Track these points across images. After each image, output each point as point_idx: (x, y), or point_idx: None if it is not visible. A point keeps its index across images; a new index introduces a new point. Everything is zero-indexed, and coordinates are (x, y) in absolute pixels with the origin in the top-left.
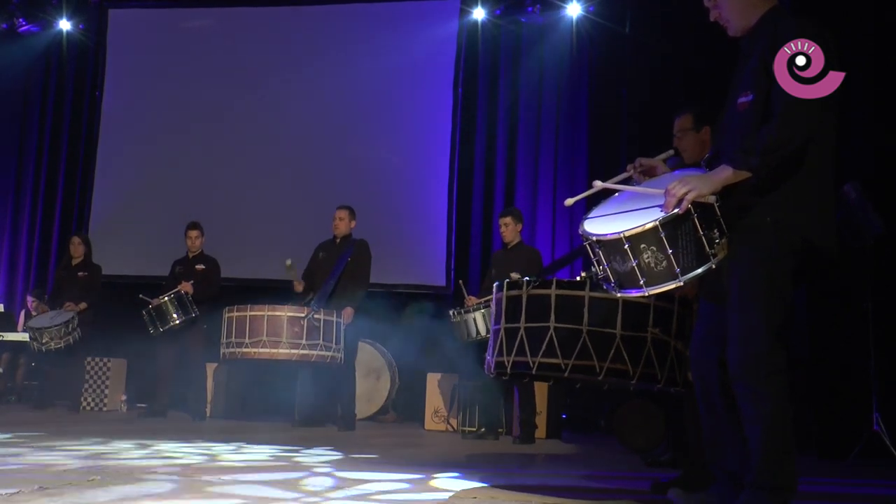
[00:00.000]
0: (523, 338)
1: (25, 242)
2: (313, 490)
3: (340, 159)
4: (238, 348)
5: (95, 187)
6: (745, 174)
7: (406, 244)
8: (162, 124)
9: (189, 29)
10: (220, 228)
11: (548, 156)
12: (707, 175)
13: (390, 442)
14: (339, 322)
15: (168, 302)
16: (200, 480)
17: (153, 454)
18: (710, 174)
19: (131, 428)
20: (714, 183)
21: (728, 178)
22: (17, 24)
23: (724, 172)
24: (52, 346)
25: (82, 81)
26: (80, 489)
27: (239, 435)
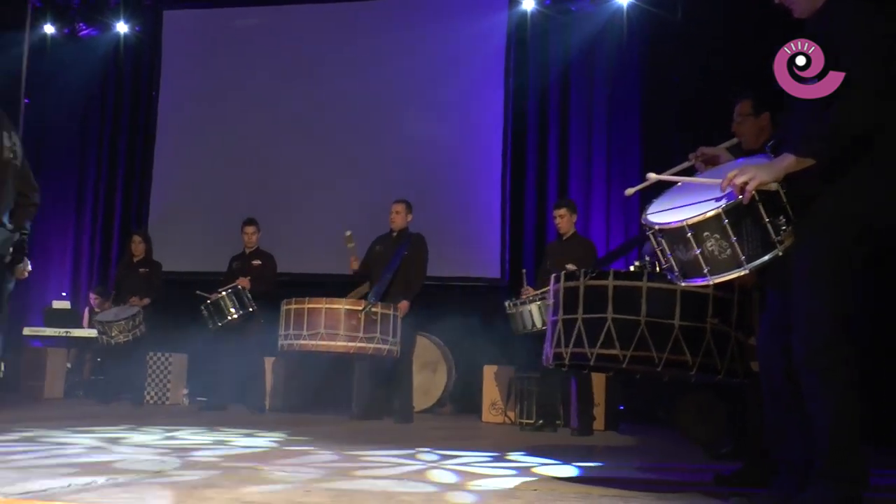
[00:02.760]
0: (581, 329)
1: (88, 241)
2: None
3: (393, 153)
4: (296, 340)
5: (153, 186)
6: (809, 161)
7: (460, 237)
8: (216, 122)
9: (241, 27)
10: (276, 224)
11: (600, 146)
12: (769, 163)
13: (448, 434)
14: (395, 315)
15: (226, 297)
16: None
17: (215, 446)
18: (773, 162)
19: (193, 421)
20: (776, 171)
21: (791, 166)
22: (78, 29)
23: (786, 160)
24: (121, 340)
25: (139, 82)
26: (149, 480)
27: (297, 427)
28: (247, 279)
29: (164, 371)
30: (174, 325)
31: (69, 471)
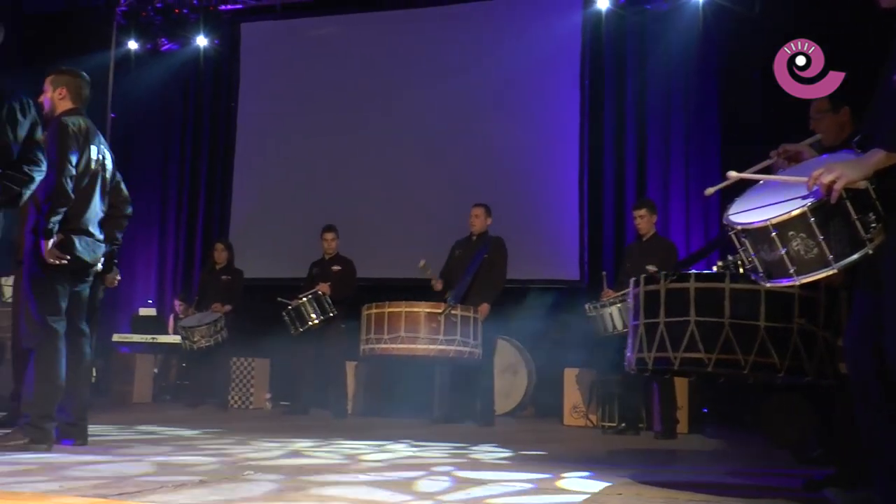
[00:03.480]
0: (663, 333)
1: (172, 250)
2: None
3: (471, 157)
4: (377, 344)
5: (234, 194)
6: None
7: (539, 239)
8: (294, 130)
9: (317, 37)
10: (356, 230)
11: (678, 145)
12: (857, 160)
13: (530, 437)
14: (475, 318)
15: (306, 303)
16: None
17: (295, 452)
18: (861, 159)
19: (277, 425)
20: (864, 168)
21: (880, 162)
22: (160, 44)
23: (875, 156)
24: (203, 344)
25: (218, 94)
26: (236, 483)
27: (379, 432)
28: (327, 285)
29: (247, 376)
30: (257, 331)
31: (162, 472)
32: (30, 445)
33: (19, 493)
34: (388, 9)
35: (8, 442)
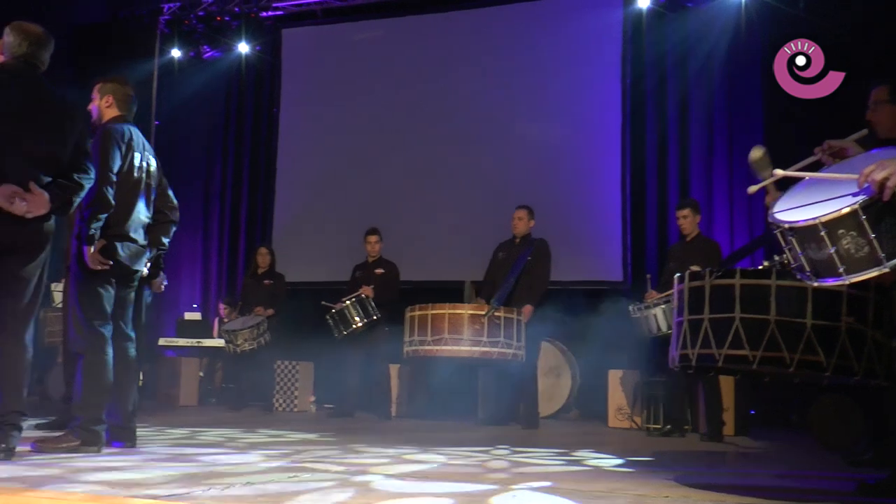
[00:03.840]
0: (708, 330)
1: (216, 255)
2: None
3: (513, 159)
4: (421, 346)
5: (277, 199)
6: None
7: (582, 241)
8: (336, 134)
9: (357, 41)
10: (399, 232)
11: (722, 144)
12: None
13: (574, 440)
14: (519, 320)
15: (350, 306)
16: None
17: (341, 453)
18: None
19: (321, 428)
20: None
21: None
22: (202, 52)
23: None
24: (246, 348)
25: (260, 100)
26: (282, 485)
27: (423, 434)
28: (370, 288)
29: (291, 379)
30: (300, 334)
31: (208, 474)
32: (81, 447)
33: (72, 493)
34: (426, 12)
35: (60, 444)
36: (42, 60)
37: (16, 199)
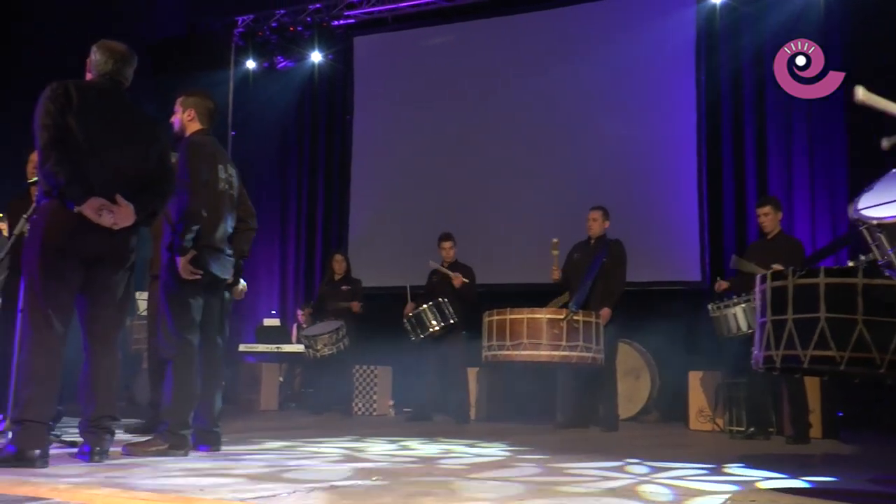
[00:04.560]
0: (792, 330)
1: (293, 261)
2: None
3: (587, 160)
4: (499, 351)
5: (351, 205)
6: None
7: (659, 241)
8: (409, 140)
9: (430, 47)
10: (474, 236)
11: (801, 139)
12: None
13: (655, 443)
14: (597, 322)
15: (427, 310)
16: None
17: (422, 457)
18: None
19: (401, 431)
20: None
21: None
22: (276, 62)
23: None
24: (326, 353)
25: (333, 107)
26: (366, 488)
27: (503, 437)
28: (459, 276)
29: (370, 383)
30: (378, 339)
31: (292, 477)
32: (169, 451)
33: (163, 494)
34: (497, 15)
35: (149, 447)
36: (126, 77)
37: (104, 212)
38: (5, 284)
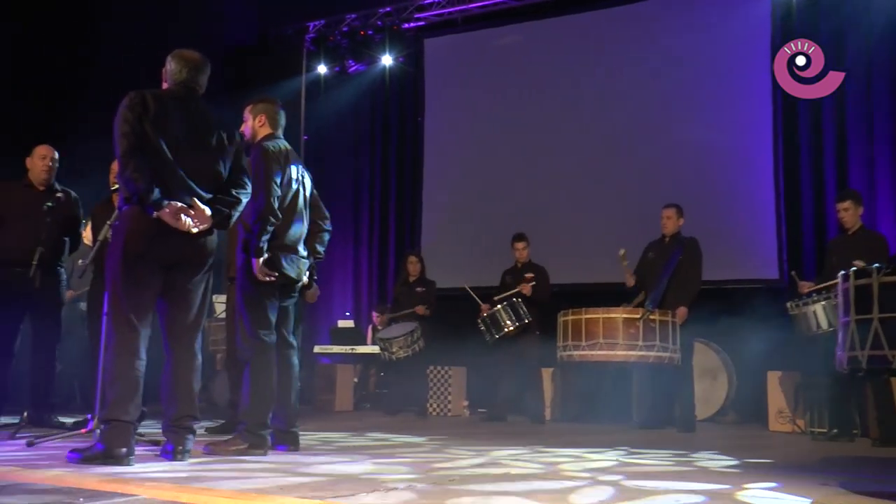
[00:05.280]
0: (878, 330)
1: (366, 262)
2: None
3: (658, 157)
4: (575, 351)
5: (424, 206)
6: None
7: (735, 238)
8: (481, 140)
9: (498, 47)
10: (546, 236)
11: (883, 131)
12: None
13: (733, 444)
14: (673, 322)
15: (501, 310)
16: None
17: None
18: None
19: (477, 432)
20: None
21: None
22: (347, 66)
23: None
24: (401, 355)
25: (404, 110)
26: (444, 488)
27: (578, 438)
28: (529, 285)
29: (444, 384)
30: (453, 340)
31: (370, 477)
32: (248, 450)
33: (244, 492)
34: (566, 13)
35: (230, 447)
36: (200, 84)
37: (182, 216)
38: (91, 289)
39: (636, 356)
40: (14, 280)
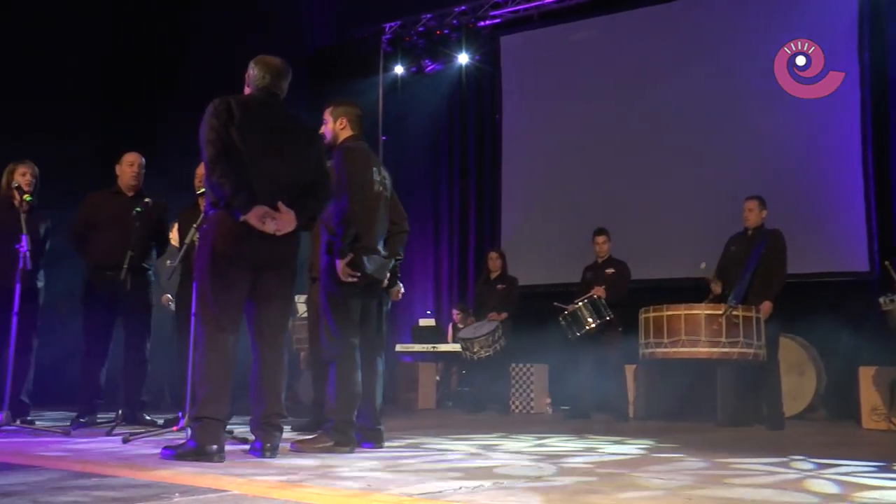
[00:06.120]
0: None
1: (446, 261)
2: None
3: (738, 149)
4: (657, 348)
5: (503, 203)
6: None
7: (821, 229)
8: (559, 137)
9: (577, 42)
10: (627, 231)
11: None
12: None
13: (824, 441)
14: (758, 317)
15: (582, 307)
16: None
17: (585, 452)
18: None
19: (560, 429)
20: None
21: None
22: (424, 66)
23: None
24: (483, 354)
25: (482, 108)
26: (531, 485)
27: (663, 435)
28: (602, 288)
29: (526, 381)
30: (534, 337)
31: (456, 474)
32: (335, 448)
33: (332, 489)
34: (641, 6)
35: (316, 444)
36: (282, 89)
37: (267, 219)
38: (179, 291)
39: (719, 353)
40: (106, 283)
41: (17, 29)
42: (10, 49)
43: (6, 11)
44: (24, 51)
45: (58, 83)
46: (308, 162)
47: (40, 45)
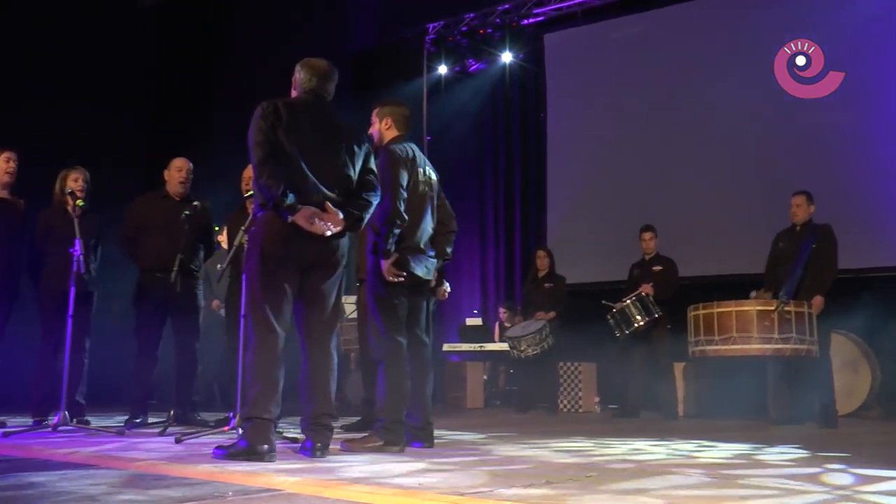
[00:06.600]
0: None
1: (492, 261)
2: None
3: (785, 144)
4: (708, 346)
5: (549, 202)
6: None
7: (870, 223)
8: (603, 133)
9: (619, 38)
10: (674, 228)
11: None
12: None
13: (881, 440)
14: (810, 313)
15: (630, 305)
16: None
17: (633, 452)
18: None
19: (609, 428)
20: None
21: None
22: (468, 65)
23: None
24: (531, 353)
25: (526, 106)
26: (581, 484)
27: (714, 434)
28: (650, 285)
29: (574, 380)
30: (582, 335)
31: (504, 470)
32: (385, 447)
33: (384, 488)
34: (685, 1)
35: (366, 444)
36: (328, 91)
37: (315, 220)
38: (228, 293)
39: (772, 349)
40: (156, 286)
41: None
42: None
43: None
44: (80, 57)
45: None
46: (355, 162)
47: (96, 51)
